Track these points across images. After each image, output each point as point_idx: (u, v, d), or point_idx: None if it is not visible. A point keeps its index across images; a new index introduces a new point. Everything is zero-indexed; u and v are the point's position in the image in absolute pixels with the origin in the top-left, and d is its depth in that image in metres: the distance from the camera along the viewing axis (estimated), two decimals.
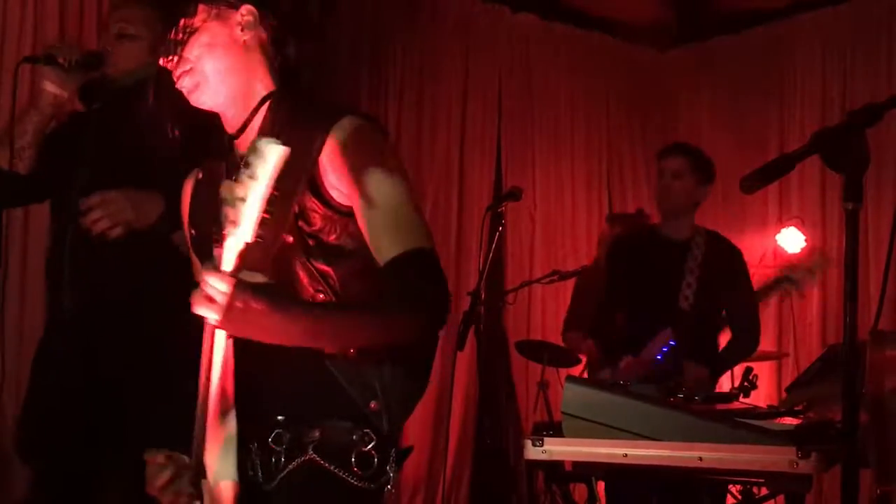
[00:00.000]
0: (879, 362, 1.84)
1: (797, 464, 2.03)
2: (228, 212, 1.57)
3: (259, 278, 1.72)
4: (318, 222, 1.81)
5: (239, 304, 1.58)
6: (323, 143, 1.78)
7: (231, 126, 1.88)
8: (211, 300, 1.58)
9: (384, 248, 1.76)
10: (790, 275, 4.46)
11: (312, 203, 1.80)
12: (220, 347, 1.67)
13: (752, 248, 6.29)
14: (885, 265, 1.83)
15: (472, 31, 6.18)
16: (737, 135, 6.57)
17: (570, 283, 5.55)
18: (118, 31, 2.82)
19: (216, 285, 1.58)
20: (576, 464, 2.45)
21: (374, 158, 1.79)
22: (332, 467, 1.80)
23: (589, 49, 6.72)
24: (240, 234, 1.57)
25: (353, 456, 1.81)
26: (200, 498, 1.76)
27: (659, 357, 3.80)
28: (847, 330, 1.68)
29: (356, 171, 1.77)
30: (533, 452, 2.34)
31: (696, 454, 2.16)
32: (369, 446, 1.81)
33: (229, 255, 1.60)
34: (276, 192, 1.57)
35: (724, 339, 4.14)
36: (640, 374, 3.72)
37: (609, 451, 2.26)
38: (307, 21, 1.93)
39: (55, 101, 2.75)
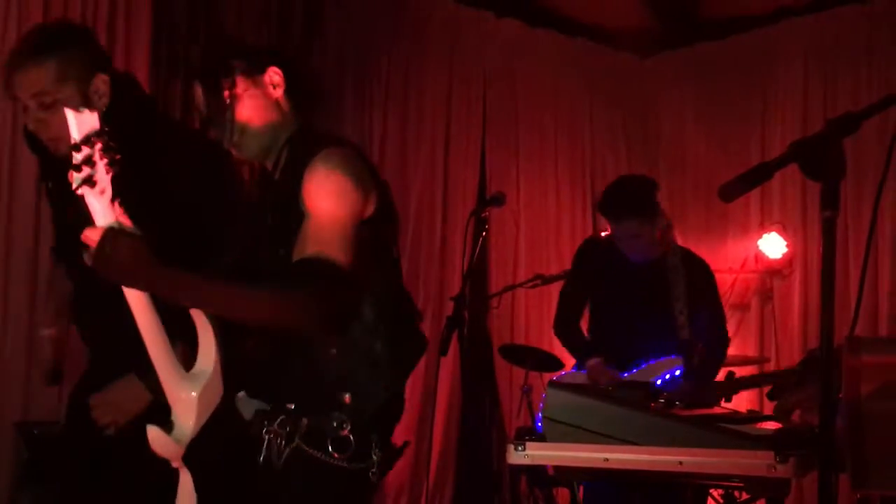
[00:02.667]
0: (855, 368, 1.87)
1: (775, 468, 2.05)
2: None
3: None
4: None
5: (108, 249, 1.85)
6: (304, 175, 2.05)
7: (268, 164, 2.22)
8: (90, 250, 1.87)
9: (296, 252, 1.99)
10: None
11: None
12: (133, 302, 1.97)
13: (733, 253, 6.35)
14: (862, 272, 1.85)
15: (457, 37, 6.19)
16: (719, 141, 6.60)
17: (554, 288, 5.57)
18: (38, 104, 2.39)
19: (91, 235, 1.86)
20: (557, 468, 2.47)
21: (326, 182, 2.02)
22: (311, 450, 2.04)
23: (573, 55, 6.73)
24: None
25: (330, 440, 2.03)
26: None
27: (659, 382, 3.83)
28: (824, 335, 1.69)
29: (308, 193, 2.03)
30: (515, 456, 2.36)
31: (676, 458, 2.18)
32: (346, 430, 2.03)
33: (100, 214, 1.87)
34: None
35: None
36: (607, 381, 3.76)
37: (590, 455, 2.28)
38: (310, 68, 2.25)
39: None
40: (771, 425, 2.48)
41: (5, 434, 4.01)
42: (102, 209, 1.87)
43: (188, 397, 2.06)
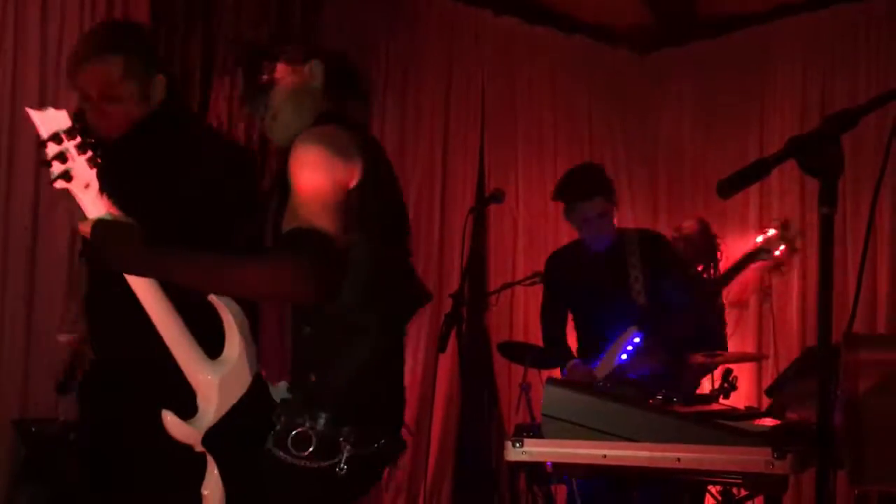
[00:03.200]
0: (853, 364, 1.86)
1: (773, 464, 2.05)
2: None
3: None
4: None
5: (98, 239, 1.96)
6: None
7: None
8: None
9: (285, 226, 2.00)
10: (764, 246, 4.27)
11: None
12: (139, 291, 2.06)
13: (732, 250, 6.34)
14: (860, 269, 1.85)
15: (455, 34, 6.19)
16: (717, 138, 6.61)
17: None
18: (101, 96, 2.52)
19: (84, 228, 1.98)
20: (555, 465, 2.47)
21: (308, 157, 2.03)
22: (271, 447, 2.04)
23: (571, 52, 6.74)
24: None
25: (290, 436, 2.02)
26: None
27: (625, 356, 3.82)
28: (821, 332, 1.69)
29: (292, 171, 2.04)
30: (513, 453, 2.36)
31: (674, 455, 2.18)
32: (306, 426, 2.01)
33: (90, 207, 2.00)
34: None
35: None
36: (586, 379, 3.76)
37: (588, 451, 2.28)
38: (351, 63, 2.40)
39: None
40: (769, 422, 2.48)
41: (3, 432, 4.01)
42: (91, 202, 1.99)
43: (207, 380, 2.10)
